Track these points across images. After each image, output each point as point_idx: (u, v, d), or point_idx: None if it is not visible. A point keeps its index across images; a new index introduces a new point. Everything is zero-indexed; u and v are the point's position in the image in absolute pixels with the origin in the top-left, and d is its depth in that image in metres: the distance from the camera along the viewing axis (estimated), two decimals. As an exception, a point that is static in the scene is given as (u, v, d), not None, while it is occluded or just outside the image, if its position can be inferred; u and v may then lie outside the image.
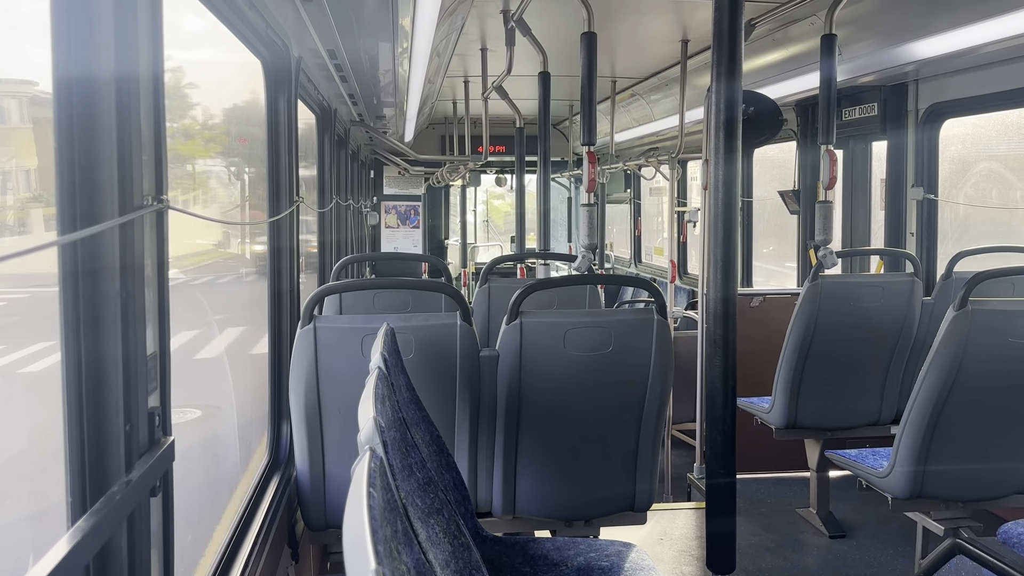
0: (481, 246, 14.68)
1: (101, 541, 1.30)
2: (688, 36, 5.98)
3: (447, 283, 3.81)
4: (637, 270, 11.15)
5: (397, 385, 2.34)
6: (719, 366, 2.57)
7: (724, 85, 2.52)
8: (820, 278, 4.07)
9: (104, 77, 1.38)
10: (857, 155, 5.89)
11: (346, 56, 4.13)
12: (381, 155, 11.45)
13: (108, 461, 1.42)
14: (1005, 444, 3.32)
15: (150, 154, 1.50)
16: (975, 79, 4.54)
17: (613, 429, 3.10)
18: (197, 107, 2.95)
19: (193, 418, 3.11)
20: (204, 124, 3.01)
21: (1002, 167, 5.14)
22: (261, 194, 3.42)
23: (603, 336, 3.00)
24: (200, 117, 3.00)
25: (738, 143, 2.53)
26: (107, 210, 1.39)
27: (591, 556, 2.67)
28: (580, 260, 4.16)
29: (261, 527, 2.62)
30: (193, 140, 2.98)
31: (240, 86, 3.53)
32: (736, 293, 2.60)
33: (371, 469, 1.18)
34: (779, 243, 7.90)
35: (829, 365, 4.18)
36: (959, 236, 5.33)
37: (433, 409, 2.87)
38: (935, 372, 3.16)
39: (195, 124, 2.94)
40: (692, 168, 9.16)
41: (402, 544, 1.27)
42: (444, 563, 1.82)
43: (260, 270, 3.87)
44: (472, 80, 8.07)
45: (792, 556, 4.07)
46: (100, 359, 1.40)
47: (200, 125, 2.98)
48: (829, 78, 4.19)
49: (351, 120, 7.14)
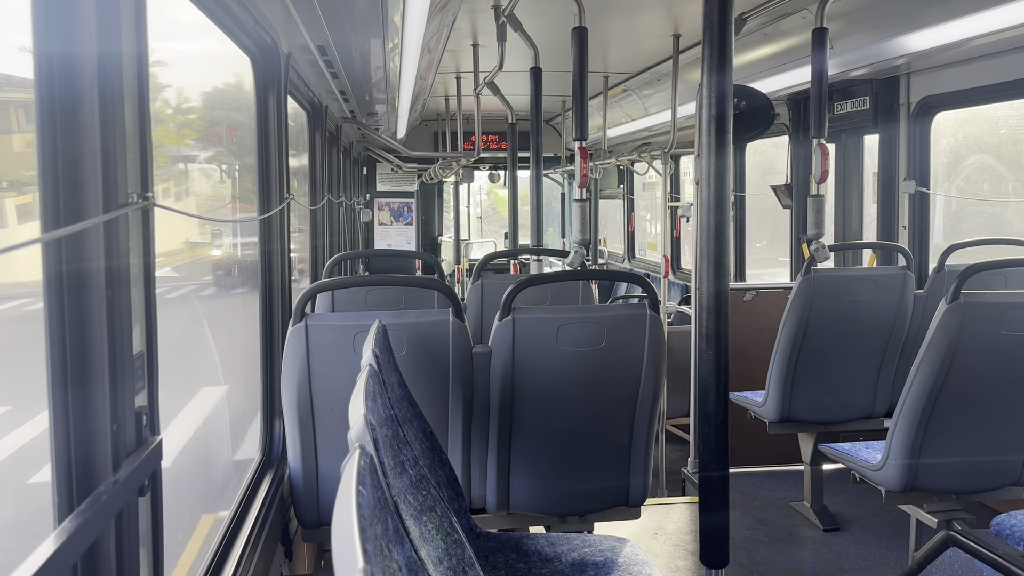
0: (475, 242, 14.66)
1: (88, 541, 1.29)
2: (680, 31, 5.97)
3: (440, 280, 3.80)
4: (630, 265, 11.15)
5: (389, 382, 2.33)
6: (712, 360, 2.57)
7: (715, 80, 2.51)
8: (813, 272, 4.07)
9: (87, 72, 1.36)
10: (849, 149, 5.90)
11: (336, 52, 4.11)
12: (373, 152, 11.42)
13: (95, 461, 1.40)
14: (998, 436, 3.32)
15: (135, 151, 1.49)
16: (966, 72, 4.55)
17: (606, 424, 3.10)
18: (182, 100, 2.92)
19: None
20: (183, 112, 2.97)
21: (994, 160, 5.15)
22: (251, 188, 3.40)
23: (596, 331, 3.00)
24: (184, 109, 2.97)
25: (729, 137, 2.53)
26: (91, 207, 1.37)
27: (585, 551, 2.66)
28: (573, 256, 4.15)
29: (254, 525, 2.61)
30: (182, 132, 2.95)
31: (230, 81, 3.51)
32: (728, 287, 2.60)
33: (360, 467, 1.17)
34: (771, 241, 7.91)
35: (822, 359, 4.18)
36: (951, 229, 5.34)
37: (426, 406, 2.86)
38: (928, 365, 3.16)
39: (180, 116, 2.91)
40: (685, 163, 9.16)
41: (393, 542, 1.26)
42: (437, 560, 1.81)
43: (240, 283, 3.70)
44: (464, 76, 8.05)
45: (786, 549, 4.08)
46: (86, 358, 1.39)
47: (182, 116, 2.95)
48: (821, 72, 4.19)
49: (342, 117, 7.11)
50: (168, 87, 2.58)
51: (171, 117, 2.72)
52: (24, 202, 1.45)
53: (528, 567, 2.59)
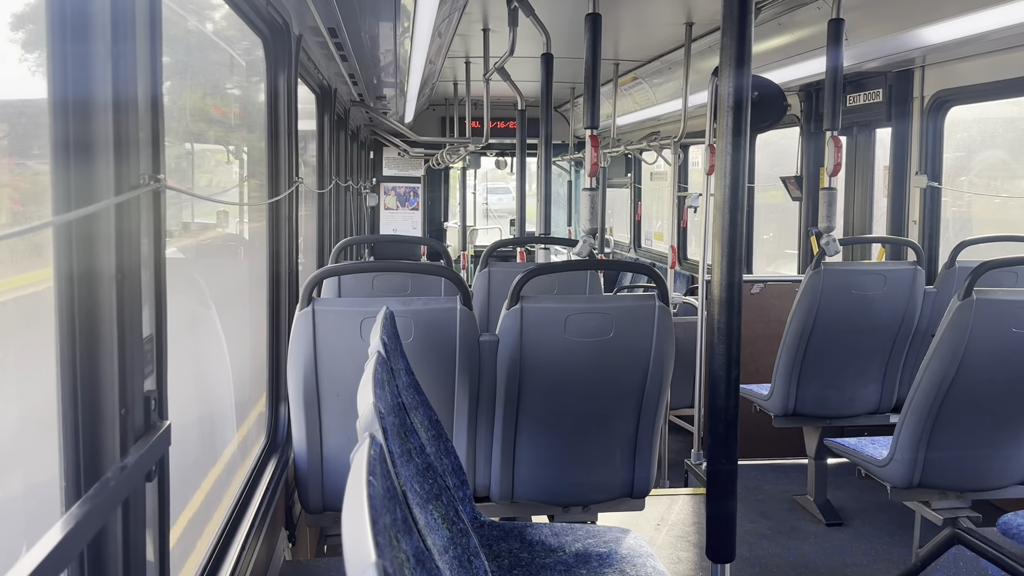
0: (480, 229, 14.63)
1: (96, 527, 1.28)
2: (692, 19, 5.91)
3: (447, 266, 3.79)
4: (636, 255, 11.12)
5: (396, 369, 2.31)
6: (723, 354, 2.55)
7: (733, 70, 2.48)
8: (822, 265, 4.05)
9: (100, 52, 1.34)
10: (861, 142, 5.85)
11: (347, 35, 4.08)
12: (381, 136, 11.37)
13: (103, 446, 1.39)
14: (1006, 435, 3.31)
15: (147, 132, 1.47)
16: (982, 66, 4.49)
17: (612, 415, 3.09)
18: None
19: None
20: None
21: (1008, 156, 5.10)
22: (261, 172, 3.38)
23: (604, 322, 2.98)
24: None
25: (746, 128, 2.50)
26: (103, 190, 1.35)
27: (589, 542, 2.66)
28: (581, 245, 4.13)
29: (258, 510, 2.61)
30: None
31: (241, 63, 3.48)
32: (741, 280, 2.57)
33: (371, 456, 1.15)
34: (776, 235, 7.87)
35: (830, 353, 4.16)
36: (961, 226, 5.30)
37: (432, 394, 2.85)
38: (937, 362, 3.14)
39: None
40: (694, 153, 9.11)
41: (401, 532, 1.25)
42: (442, 549, 1.80)
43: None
44: (474, 61, 8.00)
45: (789, 543, 4.07)
46: (95, 341, 1.37)
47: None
48: (835, 63, 4.14)
49: (351, 100, 7.08)
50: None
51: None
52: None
53: (532, 556, 2.59)
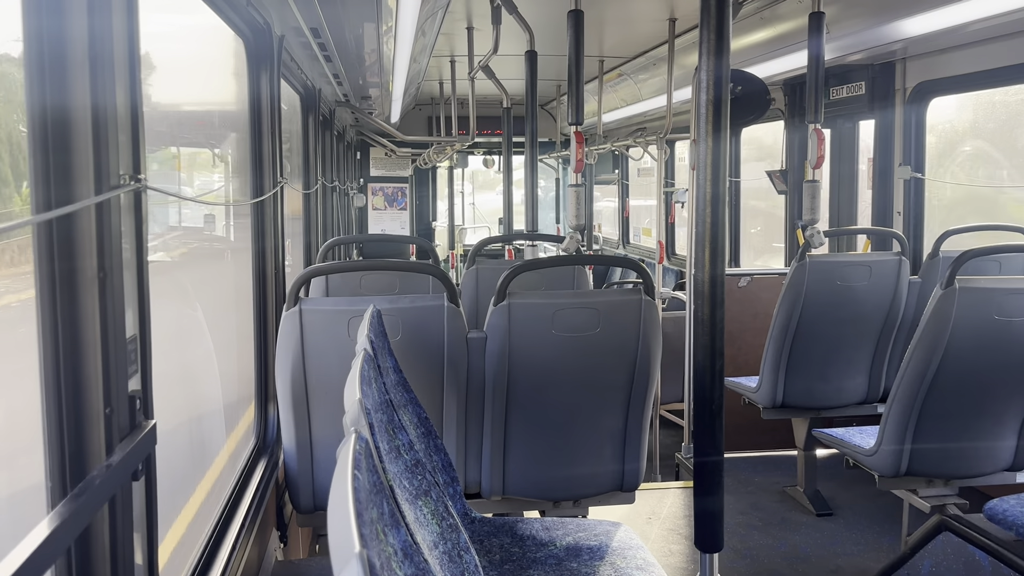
0: (468, 228, 14.63)
1: (82, 525, 1.28)
2: (675, 15, 5.93)
3: (434, 265, 3.79)
4: (625, 251, 11.15)
5: (384, 367, 2.32)
6: (707, 346, 2.56)
7: (712, 64, 2.49)
8: (807, 257, 4.07)
9: (78, 51, 1.34)
10: (844, 134, 5.88)
11: (330, 35, 4.07)
12: (367, 136, 11.36)
13: (88, 445, 1.39)
14: (991, 422, 3.34)
15: (127, 132, 1.47)
16: (963, 57, 4.53)
17: (601, 409, 3.10)
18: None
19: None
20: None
21: (989, 146, 5.15)
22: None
23: (591, 317, 2.99)
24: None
25: (726, 122, 2.51)
26: (83, 189, 1.35)
27: (579, 536, 2.67)
28: (568, 241, 4.14)
29: (248, 510, 2.61)
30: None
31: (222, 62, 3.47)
32: (724, 273, 2.59)
33: (356, 451, 1.16)
34: (761, 229, 7.91)
35: (816, 344, 4.19)
36: (946, 215, 5.34)
37: (421, 391, 2.86)
38: (922, 350, 3.17)
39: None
40: (680, 148, 9.13)
41: (388, 526, 1.26)
42: (432, 544, 1.81)
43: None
44: (458, 60, 8.00)
45: (779, 534, 4.10)
46: (78, 342, 1.38)
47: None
48: (817, 56, 4.17)
49: (336, 101, 7.07)
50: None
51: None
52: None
53: (523, 551, 2.60)
